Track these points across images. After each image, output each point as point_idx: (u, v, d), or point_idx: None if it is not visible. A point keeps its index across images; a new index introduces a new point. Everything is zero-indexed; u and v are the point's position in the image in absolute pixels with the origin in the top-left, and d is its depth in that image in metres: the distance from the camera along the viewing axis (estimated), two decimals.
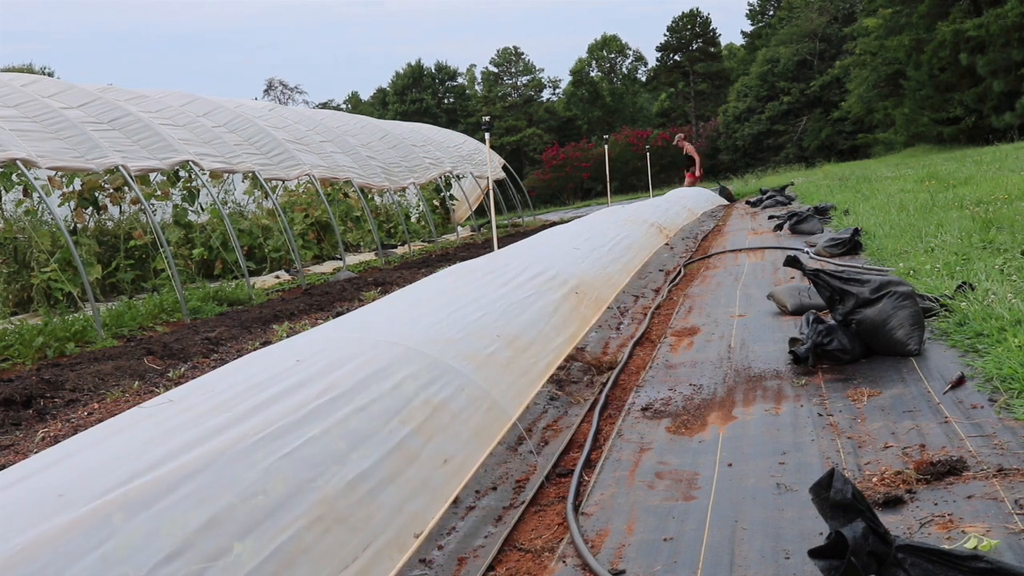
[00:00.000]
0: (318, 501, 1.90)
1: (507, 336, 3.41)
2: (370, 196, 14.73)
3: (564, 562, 1.95)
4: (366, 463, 2.11)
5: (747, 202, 15.17)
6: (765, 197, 14.19)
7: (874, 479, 2.12)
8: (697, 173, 19.18)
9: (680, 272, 6.56)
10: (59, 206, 9.01)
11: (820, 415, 2.69)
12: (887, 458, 2.26)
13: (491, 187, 8.03)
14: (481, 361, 3.04)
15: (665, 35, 51.72)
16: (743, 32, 53.83)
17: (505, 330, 3.46)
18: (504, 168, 21.53)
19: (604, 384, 3.39)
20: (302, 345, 2.80)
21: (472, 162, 20.17)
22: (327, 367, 2.49)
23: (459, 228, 18.75)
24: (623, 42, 53.94)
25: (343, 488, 1.98)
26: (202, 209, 10.91)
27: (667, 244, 8.62)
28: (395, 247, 14.26)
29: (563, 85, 54.18)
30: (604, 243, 6.45)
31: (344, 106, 55.81)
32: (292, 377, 2.36)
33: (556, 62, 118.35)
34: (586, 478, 2.44)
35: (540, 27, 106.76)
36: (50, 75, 34.33)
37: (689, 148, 19.04)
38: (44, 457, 1.93)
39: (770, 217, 10.33)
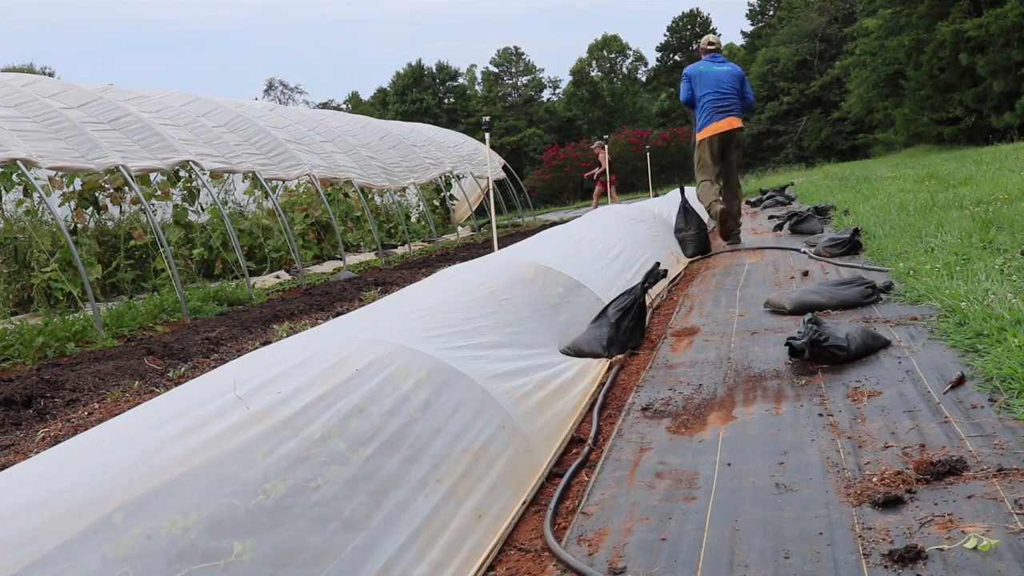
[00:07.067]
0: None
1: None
2: (370, 196, 14.73)
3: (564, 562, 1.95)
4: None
5: (747, 202, 15.14)
6: (765, 197, 14.19)
7: (874, 479, 2.12)
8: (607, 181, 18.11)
9: (680, 272, 6.55)
10: (59, 206, 9.02)
11: (820, 415, 2.69)
12: (887, 458, 2.26)
13: (491, 187, 8.02)
14: (520, 396, 2.70)
15: (665, 35, 51.83)
16: (743, 32, 53.84)
17: None
18: (504, 168, 21.54)
19: (604, 384, 3.39)
20: (322, 346, 2.42)
21: (472, 162, 20.18)
22: (369, 384, 2.22)
23: (459, 228, 18.75)
24: (623, 42, 53.97)
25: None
26: (202, 209, 10.92)
27: (670, 247, 8.60)
28: (395, 247, 14.27)
29: (563, 85, 54.22)
30: (633, 261, 5.66)
31: (344, 106, 55.82)
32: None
33: (556, 62, 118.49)
34: (586, 478, 2.45)
35: (540, 27, 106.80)
36: (50, 75, 34.36)
37: (603, 157, 17.96)
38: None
39: (770, 217, 10.33)
